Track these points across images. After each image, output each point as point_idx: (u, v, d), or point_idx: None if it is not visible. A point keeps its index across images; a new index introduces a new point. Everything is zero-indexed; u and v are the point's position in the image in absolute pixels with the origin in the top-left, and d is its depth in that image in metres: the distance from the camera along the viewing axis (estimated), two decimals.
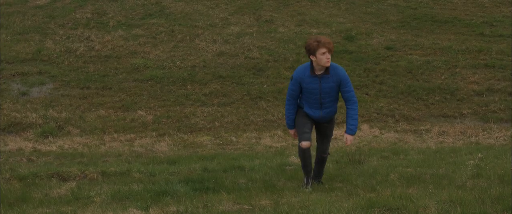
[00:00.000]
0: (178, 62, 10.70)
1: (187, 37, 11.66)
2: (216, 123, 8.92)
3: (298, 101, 5.39)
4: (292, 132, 5.33)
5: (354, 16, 12.77)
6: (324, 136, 5.45)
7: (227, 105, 9.47)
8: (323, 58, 5.03)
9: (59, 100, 9.55)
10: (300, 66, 5.28)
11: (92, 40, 11.59)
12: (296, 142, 7.74)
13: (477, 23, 12.22)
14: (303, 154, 5.32)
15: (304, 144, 5.20)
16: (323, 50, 5.01)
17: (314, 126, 5.41)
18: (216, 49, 11.14)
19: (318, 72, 5.15)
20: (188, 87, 9.96)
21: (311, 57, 5.08)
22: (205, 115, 9.14)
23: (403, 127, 8.72)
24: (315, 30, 11.78)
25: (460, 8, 13.04)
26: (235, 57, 10.88)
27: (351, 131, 5.19)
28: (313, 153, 5.45)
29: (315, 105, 5.27)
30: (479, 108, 9.36)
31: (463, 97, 9.66)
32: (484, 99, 9.60)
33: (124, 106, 9.40)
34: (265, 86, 9.94)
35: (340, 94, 5.27)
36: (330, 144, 5.64)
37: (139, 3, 13.34)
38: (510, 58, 10.77)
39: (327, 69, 5.14)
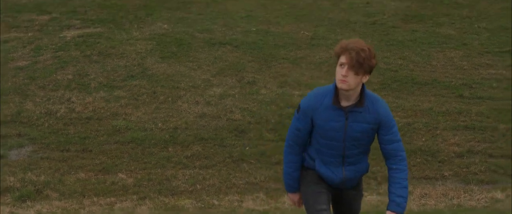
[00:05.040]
0: (160, 124, 10.66)
1: (169, 99, 11.66)
2: (198, 186, 8.84)
3: (304, 152, 3.45)
4: (294, 198, 3.53)
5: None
6: (348, 212, 3.61)
7: (209, 167, 9.41)
8: (338, 72, 3.16)
9: (38, 163, 9.43)
10: (315, 90, 3.34)
11: (73, 102, 11.53)
12: (282, 205, 7.67)
13: (457, 85, 12.37)
14: None
15: None
16: (342, 59, 3.15)
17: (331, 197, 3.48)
18: (198, 111, 11.14)
19: (345, 103, 3.25)
20: (170, 149, 9.90)
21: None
22: (186, 177, 9.07)
23: (385, 189, 8.67)
24: (297, 92, 11.84)
25: (439, 70, 13.22)
26: (218, 119, 10.88)
27: (398, 207, 3.30)
28: None
29: (334, 160, 3.32)
30: (460, 169, 9.38)
31: (444, 159, 9.68)
32: (464, 161, 9.63)
33: (105, 169, 9.30)
34: (247, 148, 9.91)
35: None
36: None
37: (121, 65, 13.36)
38: (490, 120, 10.87)
39: (361, 99, 3.25)
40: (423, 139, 10.24)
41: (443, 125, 10.70)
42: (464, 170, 9.36)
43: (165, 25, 16.00)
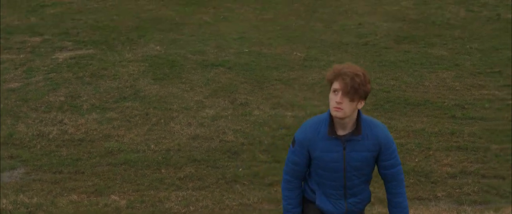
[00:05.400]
0: (152, 146, 10.63)
1: (162, 120, 11.64)
2: (191, 207, 8.79)
3: (304, 182, 3.32)
4: None
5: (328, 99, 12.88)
6: None
7: (202, 189, 9.37)
8: (332, 99, 3.05)
9: (30, 185, 9.38)
10: (309, 120, 3.22)
11: (65, 124, 11.50)
12: None
13: (449, 106, 12.41)
14: None
15: None
16: (335, 85, 3.02)
17: None
18: (191, 133, 11.12)
19: (342, 132, 3.11)
20: (163, 171, 9.87)
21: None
22: (179, 199, 9.02)
23: (378, 210, 8.67)
24: (289, 113, 11.85)
25: (432, 91, 13.27)
26: (210, 141, 10.86)
27: None
28: None
29: (335, 193, 3.21)
30: (453, 190, 9.38)
31: (437, 179, 9.68)
32: (457, 181, 9.63)
33: (97, 191, 9.25)
34: (240, 169, 9.89)
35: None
36: None
37: (113, 86, 13.36)
38: (482, 140, 10.89)
39: (357, 127, 3.08)
40: (416, 160, 10.24)
41: (436, 145, 10.72)
42: (457, 190, 9.36)
43: (158, 47, 16.03)
